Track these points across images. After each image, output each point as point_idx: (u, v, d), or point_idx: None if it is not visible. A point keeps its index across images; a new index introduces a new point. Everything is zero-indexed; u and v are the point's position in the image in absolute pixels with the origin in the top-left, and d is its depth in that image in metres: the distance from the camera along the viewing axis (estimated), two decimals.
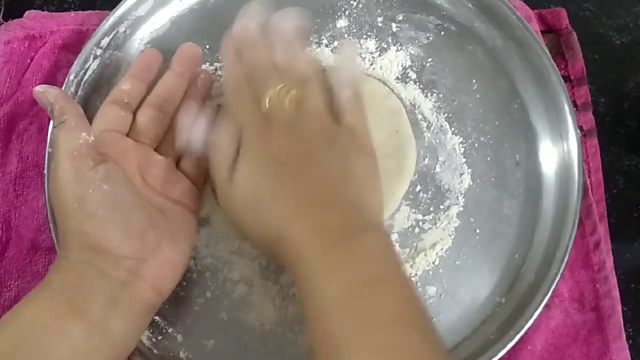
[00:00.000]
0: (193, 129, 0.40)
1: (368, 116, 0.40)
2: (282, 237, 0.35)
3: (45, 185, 0.42)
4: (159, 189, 0.40)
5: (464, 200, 0.45)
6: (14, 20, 0.49)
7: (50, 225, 0.42)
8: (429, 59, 0.47)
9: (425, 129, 0.46)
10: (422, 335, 0.32)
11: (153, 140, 0.41)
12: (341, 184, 0.37)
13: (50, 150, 0.42)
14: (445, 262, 0.43)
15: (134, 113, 0.41)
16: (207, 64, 0.47)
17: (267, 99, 0.38)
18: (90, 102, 0.45)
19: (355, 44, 0.46)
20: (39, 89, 0.38)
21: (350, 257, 0.33)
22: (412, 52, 0.47)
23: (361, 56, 0.47)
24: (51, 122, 0.43)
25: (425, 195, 0.45)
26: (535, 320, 0.41)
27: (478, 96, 0.47)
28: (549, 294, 0.42)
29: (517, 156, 0.45)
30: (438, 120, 0.46)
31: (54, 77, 0.48)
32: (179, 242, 0.39)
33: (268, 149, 0.37)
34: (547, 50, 0.46)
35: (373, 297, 0.32)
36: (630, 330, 0.46)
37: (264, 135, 0.38)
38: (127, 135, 0.41)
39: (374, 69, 0.47)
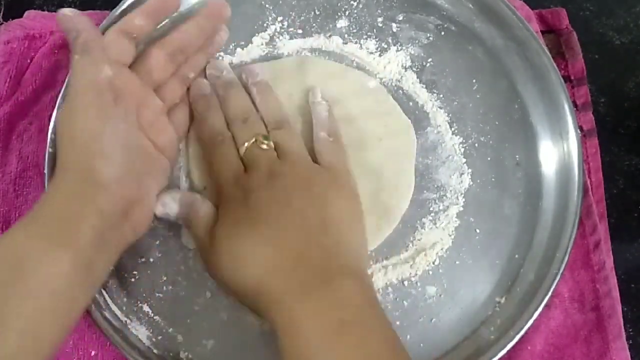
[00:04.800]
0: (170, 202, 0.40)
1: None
2: (262, 291, 0.35)
3: (46, 182, 0.42)
4: (147, 133, 0.39)
5: (464, 200, 0.45)
6: (14, 20, 0.49)
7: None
8: (429, 59, 0.47)
9: (425, 129, 0.46)
10: None
11: (154, 84, 0.40)
12: (320, 231, 0.37)
13: (69, 79, 0.39)
14: (445, 262, 0.43)
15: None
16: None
17: (244, 150, 0.40)
18: None
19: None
20: (67, 12, 0.35)
21: (324, 303, 0.34)
22: (412, 52, 0.47)
23: (361, 57, 0.47)
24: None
25: (425, 195, 0.45)
26: (535, 320, 0.41)
27: (478, 96, 0.47)
28: (549, 294, 0.42)
29: (517, 156, 0.45)
30: (438, 121, 0.46)
31: (54, 77, 0.48)
32: (158, 189, 0.40)
33: (246, 208, 0.38)
34: (547, 50, 0.46)
35: (345, 341, 0.32)
36: (630, 330, 0.46)
37: (242, 194, 0.38)
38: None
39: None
